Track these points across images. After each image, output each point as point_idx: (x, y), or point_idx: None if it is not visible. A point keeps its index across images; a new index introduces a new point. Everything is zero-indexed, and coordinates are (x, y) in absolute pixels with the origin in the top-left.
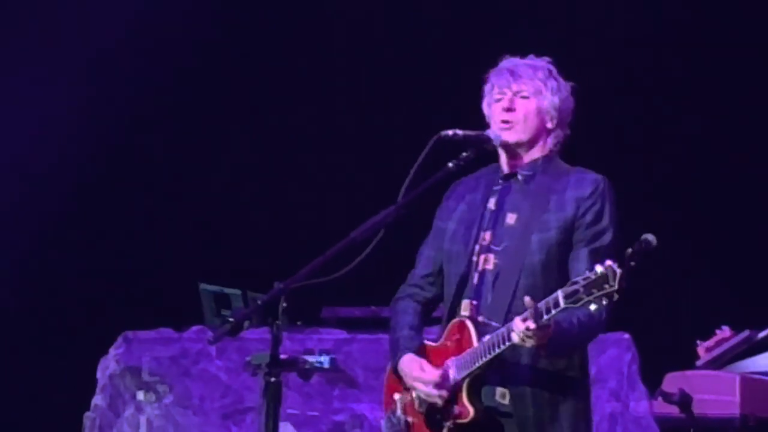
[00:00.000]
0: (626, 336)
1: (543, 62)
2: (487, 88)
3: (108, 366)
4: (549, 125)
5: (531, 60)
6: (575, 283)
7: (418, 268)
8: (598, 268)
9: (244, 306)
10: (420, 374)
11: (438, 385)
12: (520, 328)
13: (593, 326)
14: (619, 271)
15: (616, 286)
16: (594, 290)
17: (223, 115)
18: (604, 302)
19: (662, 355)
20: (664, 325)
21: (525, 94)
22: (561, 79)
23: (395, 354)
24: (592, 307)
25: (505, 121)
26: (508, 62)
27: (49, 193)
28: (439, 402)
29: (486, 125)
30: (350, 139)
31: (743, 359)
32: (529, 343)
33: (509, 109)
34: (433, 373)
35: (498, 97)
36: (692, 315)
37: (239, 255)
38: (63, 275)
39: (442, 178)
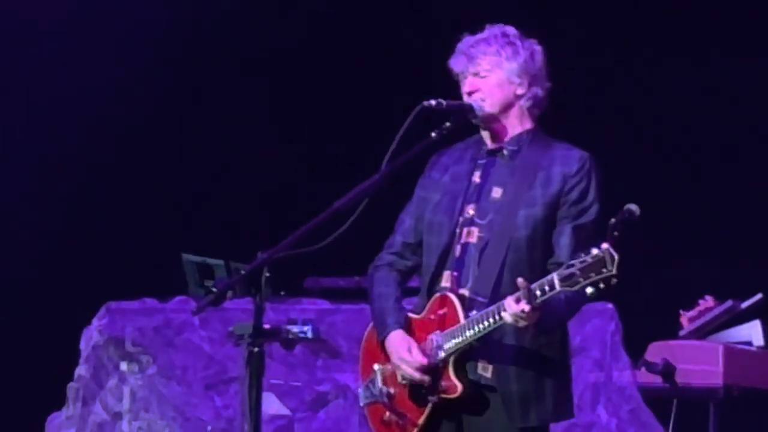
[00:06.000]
0: (609, 306)
1: (496, 30)
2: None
3: (91, 336)
4: (519, 91)
5: (484, 33)
6: (571, 266)
7: (397, 236)
8: (594, 251)
9: (228, 276)
10: (407, 356)
11: (422, 371)
12: (514, 309)
13: (579, 301)
14: (617, 255)
15: (615, 271)
16: (592, 274)
17: (206, 87)
18: (601, 286)
19: (645, 325)
20: (648, 295)
21: (483, 73)
22: (520, 41)
23: (383, 328)
24: (589, 290)
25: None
26: (462, 44)
27: (30, 163)
28: (424, 383)
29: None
30: (333, 109)
31: (726, 329)
32: (522, 323)
33: (471, 91)
34: (419, 358)
35: (461, 80)
36: (675, 285)
37: (222, 225)
38: (45, 245)
39: (425, 147)
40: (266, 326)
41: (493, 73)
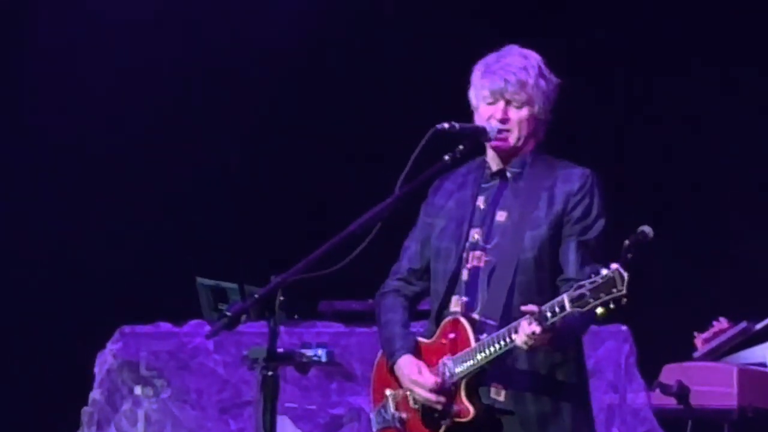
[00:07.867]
0: (624, 328)
1: (534, 61)
2: (475, 78)
3: (105, 360)
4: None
5: (521, 58)
6: (581, 286)
7: (404, 261)
8: (603, 271)
9: (242, 300)
10: (418, 378)
11: (436, 391)
12: (525, 330)
13: (588, 319)
14: (626, 275)
15: (625, 291)
16: (602, 294)
17: (218, 108)
18: (611, 306)
19: (660, 346)
20: (662, 316)
21: (517, 104)
22: (549, 74)
23: (392, 353)
24: (599, 310)
25: (499, 131)
26: (500, 65)
27: (44, 187)
28: (438, 407)
29: (470, 111)
30: (346, 132)
31: (740, 350)
32: (533, 345)
33: (503, 120)
34: (430, 378)
35: (490, 100)
36: (689, 307)
37: (236, 248)
38: (60, 269)
39: (439, 170)
40: (280, 350)
41: (526, 107)
